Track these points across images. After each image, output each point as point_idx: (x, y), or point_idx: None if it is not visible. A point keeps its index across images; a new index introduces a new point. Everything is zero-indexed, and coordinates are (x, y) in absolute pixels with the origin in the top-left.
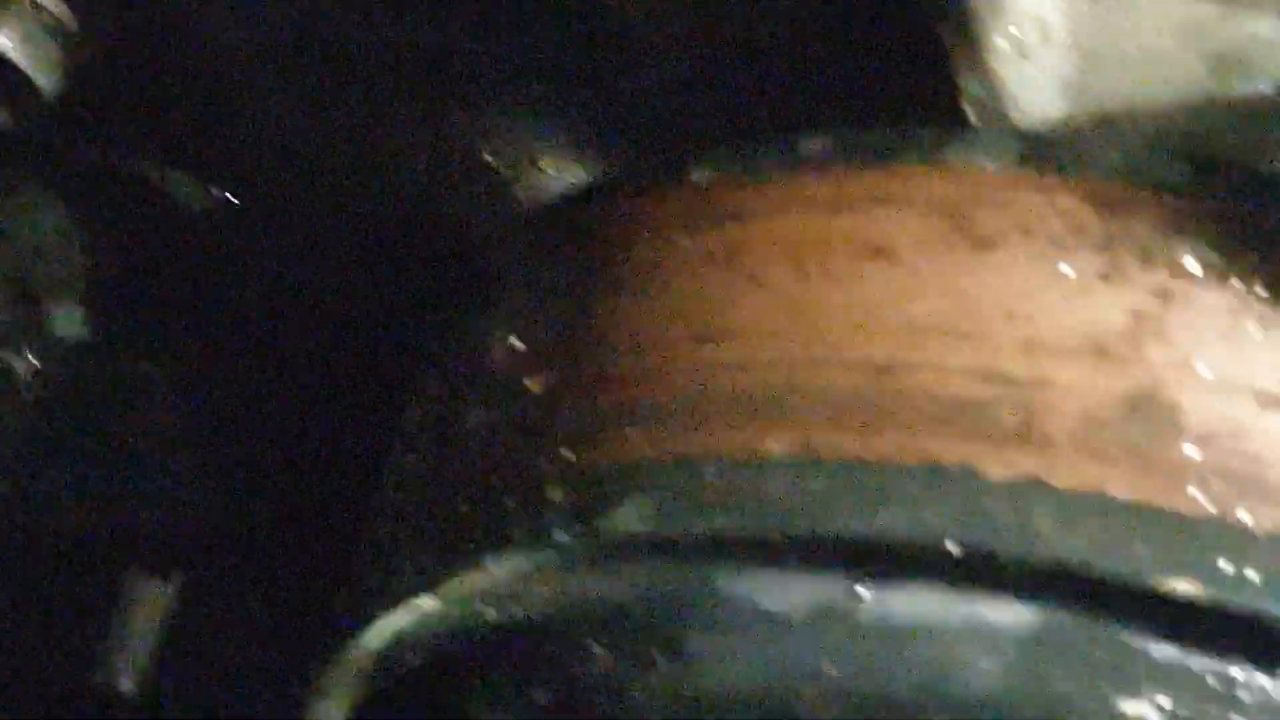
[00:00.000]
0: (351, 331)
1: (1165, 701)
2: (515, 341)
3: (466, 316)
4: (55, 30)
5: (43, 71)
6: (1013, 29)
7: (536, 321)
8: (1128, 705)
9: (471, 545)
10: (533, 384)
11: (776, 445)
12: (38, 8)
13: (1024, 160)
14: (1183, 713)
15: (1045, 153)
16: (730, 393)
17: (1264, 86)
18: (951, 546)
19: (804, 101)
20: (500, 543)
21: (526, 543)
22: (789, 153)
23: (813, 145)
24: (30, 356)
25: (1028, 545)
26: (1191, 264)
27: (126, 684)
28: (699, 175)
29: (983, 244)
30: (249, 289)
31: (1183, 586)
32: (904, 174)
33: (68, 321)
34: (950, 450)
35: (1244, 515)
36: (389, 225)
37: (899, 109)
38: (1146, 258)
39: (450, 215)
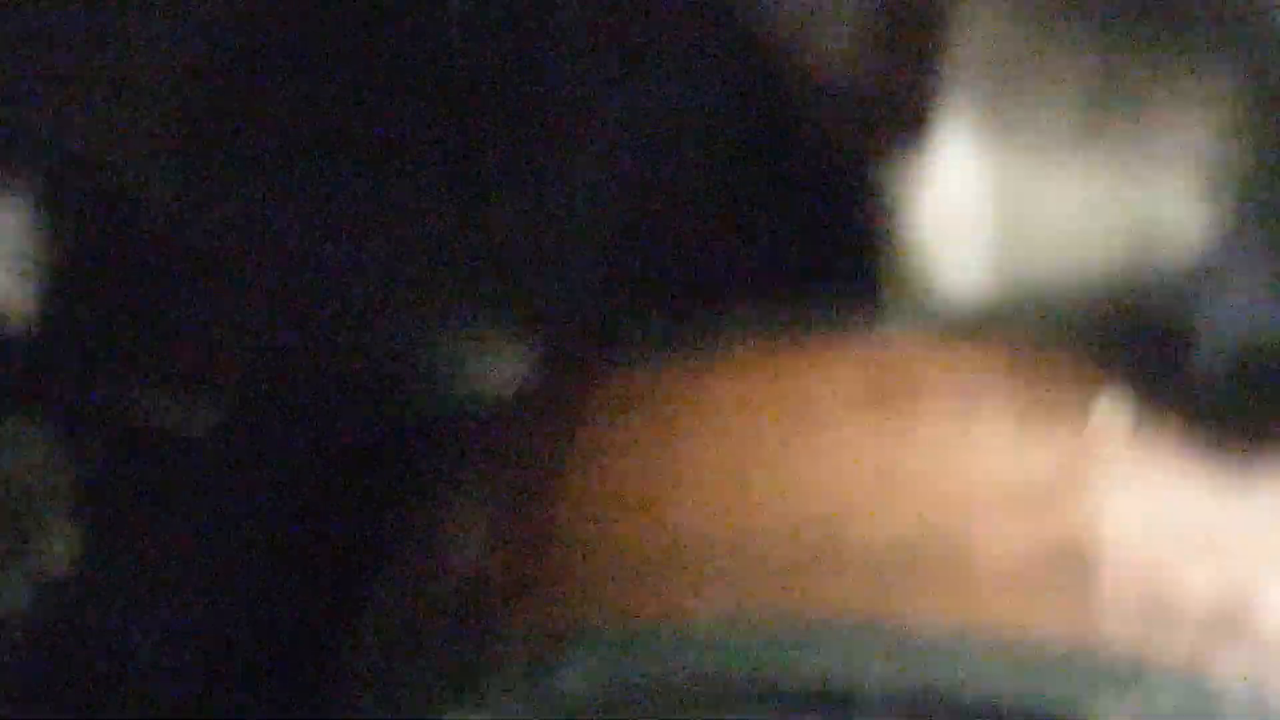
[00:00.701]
0: (325, 527)
1: None
2: (468, 519)
3: (423, 501)
4: (27, 266)
5: (16, 312)
6: (935, 209)
7: (488, 502)
8: None
9: (426, 711)
10: (484, 558)
11: (708, 604)
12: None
13: (944, 329)
14: None
15: (965, 322)
16: (663, 555)
17: (1174, 257)
18: (883, 695)
19: (729, 276)
20: (454, 708)
21: (479, 708)
22: (714, 326)
23: (737, 318)
24: (24, 582)
25: (959, 690)
26: (1108, 419)
27: None
28: (631, 356)
29: (904, 405)
30: (234, 496)
31: None
32: (826, 343)
33: (62, 547)
34: (878, 600)
35: (1158, 652)
36: (361, 425)
37: (822, 282)
38: (1064, 414)
39: (411, 411)
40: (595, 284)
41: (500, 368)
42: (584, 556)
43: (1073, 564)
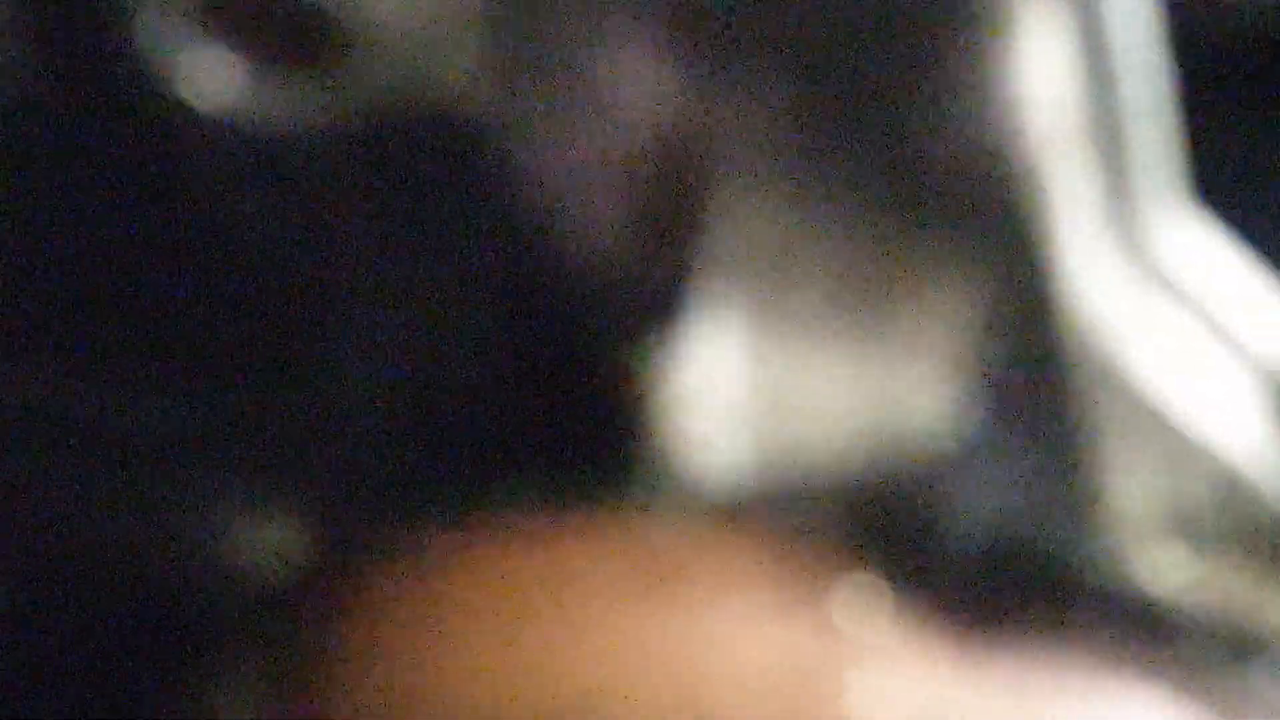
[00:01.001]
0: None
1: None
2: (240, 703)
3: (195, 684)
4: None
5: None
6: (697, 391)
7: (259, 685)
8: None
9: None
10: None
11: None
12: None
13: (701, 512)
14: None
15: (721, 505)
16: None
17: (923, 446)
18: None
19: (492, 459)
20: None
21: None
22: (476, 508)
23: (497, 500)
24: None
25: None
26: (858, 605)
27: None
28: (402, 535)
29: (660, 587)
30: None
31: None
32: (583, 525)
33: None
34: None
35: None
36: (137, 604)
37: (581, 465)
38: (817, 599)
39: (179, 594)
40: (362, 465)
41: (273, 549)
42: None
43: None
